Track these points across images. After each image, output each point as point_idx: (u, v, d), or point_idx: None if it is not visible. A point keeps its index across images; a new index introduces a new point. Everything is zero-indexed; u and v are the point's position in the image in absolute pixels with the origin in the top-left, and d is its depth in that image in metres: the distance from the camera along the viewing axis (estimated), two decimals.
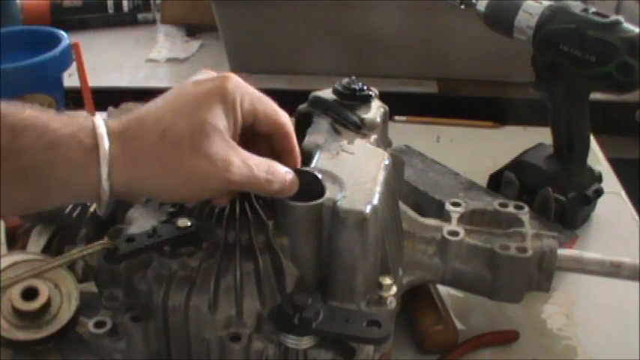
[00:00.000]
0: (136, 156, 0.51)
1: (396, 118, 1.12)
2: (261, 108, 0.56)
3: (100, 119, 0.51)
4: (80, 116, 0.52)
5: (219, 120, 0.52)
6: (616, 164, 1.06)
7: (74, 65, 1.03)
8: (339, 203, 0.56)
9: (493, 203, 0.75)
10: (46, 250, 0.76)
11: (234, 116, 0.54)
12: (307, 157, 0.62)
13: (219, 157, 0.51)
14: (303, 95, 0.72)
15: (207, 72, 0.56)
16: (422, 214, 0.74)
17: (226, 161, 0.51)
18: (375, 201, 0.57)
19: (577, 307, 0.81)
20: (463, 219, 0.73)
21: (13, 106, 0.49)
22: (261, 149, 0.57)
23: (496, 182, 0.95)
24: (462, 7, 0.93)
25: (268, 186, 0.54)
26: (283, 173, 0.56)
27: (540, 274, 0.71)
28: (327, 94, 0.71)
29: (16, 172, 0.48)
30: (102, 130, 0.50)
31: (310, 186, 0.58)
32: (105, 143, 0.50)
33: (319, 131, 0.68)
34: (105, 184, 0.50)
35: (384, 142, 0.71)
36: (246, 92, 0.55)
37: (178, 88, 0.54)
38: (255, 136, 0.58)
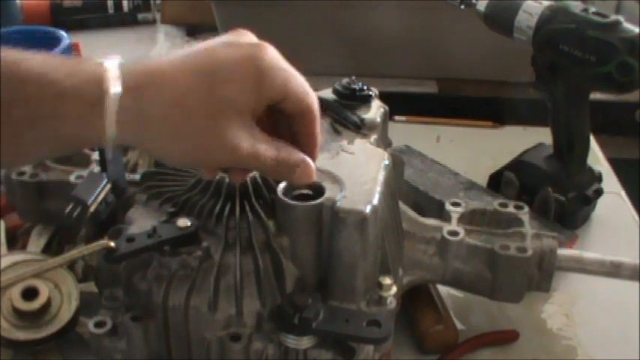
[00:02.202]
0: (145, 117, 0.48)
1: (396, 118, 1.12)
2: (293, 88, 0.51)
3: (112, 65, 0.48)
4: (89, 63, 0.48)
5: (241, 95, 0.49)
6: (616, 164, 1.06)
7: None
8: (339, 203, 0.56)
9: (493, 203, 0.75)
10: (46, 250, 0.76)
11: (261, 92, 0.50)
12: None
13: (228, 137, 0.49)
14: None
15: (241, 32, 0.52)
16: (422, 214, 0.74)
17: (235, 144, 0.49)
18: (375, 201, 0.57)
19: (577, 307, 0.81)
20: (463, 219, 0.73)
21: (15, 54, 0.47)
22: (281, 128, 0.55)
23: (496, 182, 0.95)
24: (462, 7, 0.93)
25: (276, 173, 0.53)
26: (294, 160, 0.53)
27: (540, 274, 0.71)
28: (327, 94, 0.72)
29: (25, 119, 0.46)
30: (107, 84, 0.47)
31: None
32: (110, 98, 0.47)
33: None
34: (110, 139, 0.48)
35: (384, 142, 0.71)
36: (281, 68, 0.51)
37: (207, 46, 0.51)
38: (277, 113, 0.54)
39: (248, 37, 0.52)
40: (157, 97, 0.48)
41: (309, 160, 0.54)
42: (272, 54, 0.51)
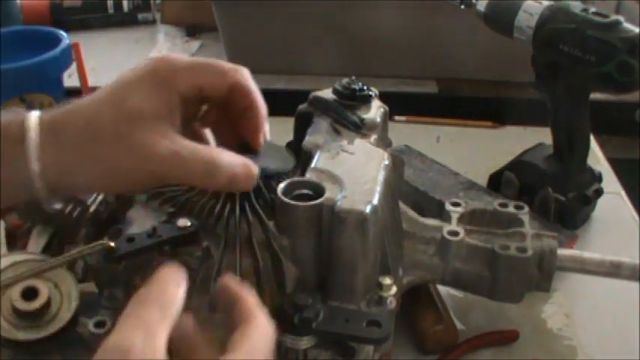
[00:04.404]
0: (63, 146, 0.49)
1: (396, 118, 1.12)
2: (202, 78, 0.52)
3: (34, 113, 0.50)
4: (16, 112, 0.51)
5: (147, 103, 0.49)
6: (616, 164, 1.06)
7: (74, 65, 1.03)
8: (339, 203, 0.56)
9: (493, 203, 0.75)
10: (46, 250, 0.76)
11: (168, 97, 0.50)
12: (307, 157, 0.62)
13: (142, 148, 0.48)
14: (303, 95, 0.72)
15: (157, 57, 0.53)
16: (422, 214, 0.74)
17: (150, 152, 0.48)
18: (375, 201, 0.57)
19: (577, 307, 0.81)
20: (463, 219, 0.73)
21: None
22: (229, 133, 0.55)
23: (496, 182, 0.95)
24: (462, 7, 0.93)
25: (209, 180, 0.50)
26: (233, 164, 0.51)
27: (540, 274, 0.71)
28: (327, 94, 0.71)
29: None
30: (30, 122, 0.49)
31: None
32: (31, 134, 0.48)
33: (319, 131, 0.68)
34: (36, 176, 0.49)
35: (384, 142, 0.71)
36: (181, 67, 0.51)
37: (117, 77, 0.52)
38: (220, 121, 0.55)
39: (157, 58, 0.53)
40: (71, 126, 0.49)
41: (248, 161, 0.52)
42: (170, 60, 0.51)
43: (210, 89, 0.52)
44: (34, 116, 0.49)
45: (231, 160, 0.51)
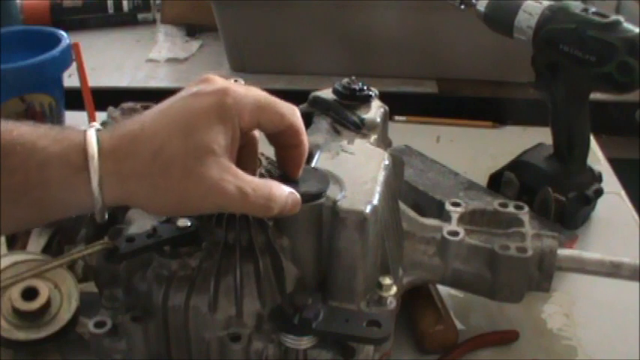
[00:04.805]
0: (127, 176, 0.50)
1: (396, 118, 1.12)
2: (263, 117, 0.54)
3: (92, 134, 0.50)
4: (72, 131, 0.51)
5: (215, 140, 0.51)
6: (616, 164, 1.06)
7: (74, 65, 1.03)
8: (339, 203, 0.56)
9: (493, 203, 0.75)
10: (46, 250, 0.76)
11: (232, 134, 0.52)
12: (307, 157, 0.62)
13: (212, 182, 0.50)
14: (303, 95, 0.72)
15: (208, 79, 0.54)
16: (422, 214, 0.74)
17: (219, 187, 0.50)
18: (375, 201, 0.57)
19: (577, 307, 0.81)
20: (463, 219, 0.73)
21: (2, 125, 0.49)
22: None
23: (496, 182, 0.95)
24: (462, 7, 0.93)
25: (266, 211, 0.53)
26: (284, 197, 0.54)
27: (540, 274, 0.71)
28: (327, 94, 0.72)
29: (10, 191, 0.49)
30: (92, 149, 0.49)
31: (316, 183, 0.58)
32: (94, 164, 0.49)
33: (319, 131, 0.68)
34: (97, 201, 0.50)
35: (384, 142, 0.71)
36: (246, 105, 0.52)
37: (175, 100, 0.53)
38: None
39: (213, 83, 0.53)
40: (134, 156, 0.50)
41: (294, 191, 0.55)
42: (235, 95, 0.52)
43: (267, 127, 0.55)
44: (94, 142, 0.50)
45: (282, 193, 0.54)
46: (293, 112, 0.56)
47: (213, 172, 0.50)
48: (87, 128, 0.51)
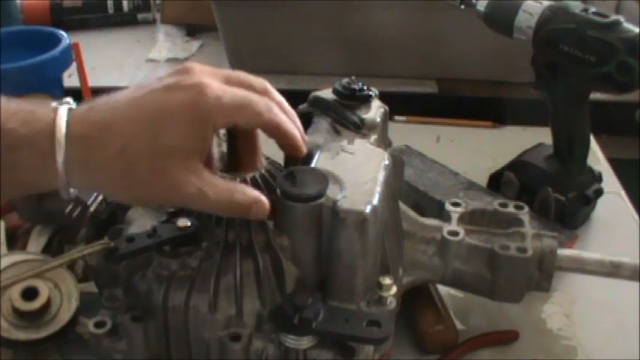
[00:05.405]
0: (93, 166, 0.50)
1: (396, 118, 1.12)
2: (239, 117, 0.53)
3: (63, 115, 0.50)
4: (44, 109, 0.51)
5: (184, 141, 0.50)
6: (616, 164, 1.06)
7: (74, 65, 1.03)
8: (339, 203, 0.56)
9: (493, 203, 0.75)
10: (46, 250, 0.76)
11: (203, 134, 0.51)
12: (307, 157, 0.62)
13: (174, 183, 0.51)
14: (303, 95, 0.72)
15: (187, 69, 0.53)
16: (422, 214, 0.74)
17: (180, 188, 0.51)
18: (375, 201, 0.57)
19: (577, 307, 0.81)
20: (463, 219, 0.73)
21: None
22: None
23: (496, 182, 0.95)
24: (462, 7, 0.93)
25: (230, 214, 0.55)
26: (247, 203, 0.54)
27: (540, 274, 0.71)
28: (327, 94, 0.71)
29: None
30: (60, 134, 0.49)
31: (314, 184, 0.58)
32: (61, 152, 0.49)
33: (319, 131, 0.68)
34: (64, 185, 0.50)
35: (384, 142, 0.71)
36: (222, 104, 0.51)
37: (149, 91, 0.51)
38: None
39: (191, 76, 0.52)
40: (102, 148, 0.50)
41: (262, 197, 0.54)
42: (212, 94, 0.51)
43: (244, 125, 0.55)
44: (63, 126, 0.49)
45: (245, 199, 0.54)
46: (270, 110, 0.55)
47: (177, 173, 0.50)
48: (59, 105, 0.51)
